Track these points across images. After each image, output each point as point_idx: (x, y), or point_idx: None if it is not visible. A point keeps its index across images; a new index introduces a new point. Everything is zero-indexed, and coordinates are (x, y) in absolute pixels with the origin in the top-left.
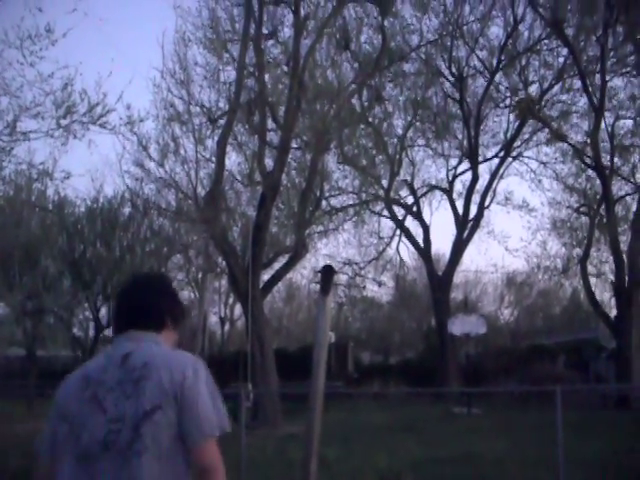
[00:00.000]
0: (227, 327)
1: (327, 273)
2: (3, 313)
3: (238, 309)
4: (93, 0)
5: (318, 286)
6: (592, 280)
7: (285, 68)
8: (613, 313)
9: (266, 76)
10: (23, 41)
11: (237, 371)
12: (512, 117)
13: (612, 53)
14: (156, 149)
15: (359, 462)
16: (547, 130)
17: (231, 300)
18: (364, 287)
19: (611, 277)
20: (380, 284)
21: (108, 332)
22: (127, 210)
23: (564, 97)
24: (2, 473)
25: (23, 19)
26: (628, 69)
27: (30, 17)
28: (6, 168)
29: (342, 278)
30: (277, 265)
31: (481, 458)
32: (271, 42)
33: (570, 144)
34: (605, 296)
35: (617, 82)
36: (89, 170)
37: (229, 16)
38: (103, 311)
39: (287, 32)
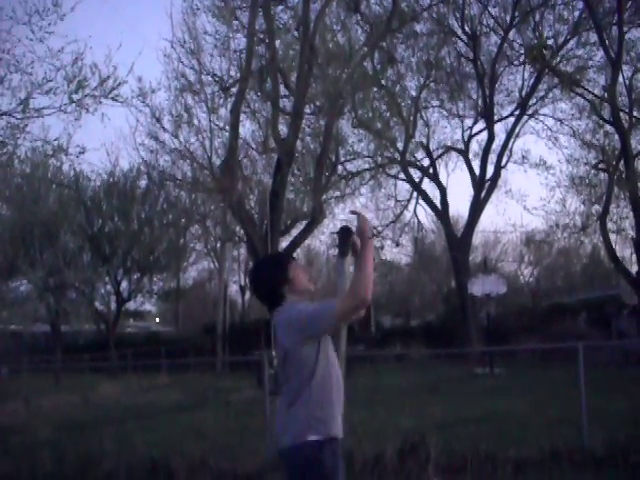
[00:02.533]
0: (247, 295)
1: (344, 234)
2: (26, 290)
3: None
4: None
5: (336, 249)
6: (612, 237)
7: (295, 33)
8: (634, 269)
9: (277, 42)
10: (31, 17)
11: (259, 338)
12: (527, 74)
13: (629, 3)
14: (169, 120)
15: (383, 424)
16: (562, 84)
17: (250, 268)
18: (382, 248)
19: (631, 233)
20: (397, 244)
21: (130, 305)
22: (143, 183)
23: (580, 52)
24: (32, 445)
25: None
26: None
27: None
28: (21, 145)
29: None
30: (295, 232)
31: (504, 417)
32: (280, 7)
33: (584, 97)
34: (626, 252)
35: (635, 34)
36: (104, 144)
37: None
38: (124, 284)
39: None
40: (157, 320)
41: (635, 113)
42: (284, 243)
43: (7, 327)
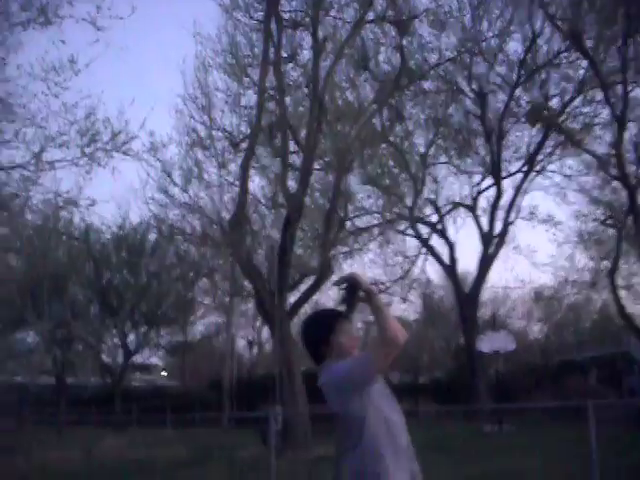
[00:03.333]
0: (255, 350)
1: (350, 286)
2: (33, 342)
3: (266, 332)
4: (114, 30)
5: (343, 306)
6: (622, 293)
7: (305, 90)
8: None
9: (287, 99)
10: (48, 73)
11: (266, 394)
12: (534, 131)
13: (633, 63)
14: (180, 175)
15: None
16: (569, 142)
17: (258, 323)
18: (390, 304)
19: None
20: (405, 300)
21: (136, 358)
22: (153, 236)
23: (586, 109)
24: None
25: (47, 52)
26: None
27: (54, 50)
28: (33, 197)
29: None
30: (303, 287)
31: (514, 475)
32: (290, 65)
33: (591, 154)
34: (636, 308)
35: (639, 92)
36: (114, 197)
37: (248, 41)
38: (131, 337)
39: (306, 55)
40: (164, 374)
41: None
42: (292, 298)
43: (12, 379)
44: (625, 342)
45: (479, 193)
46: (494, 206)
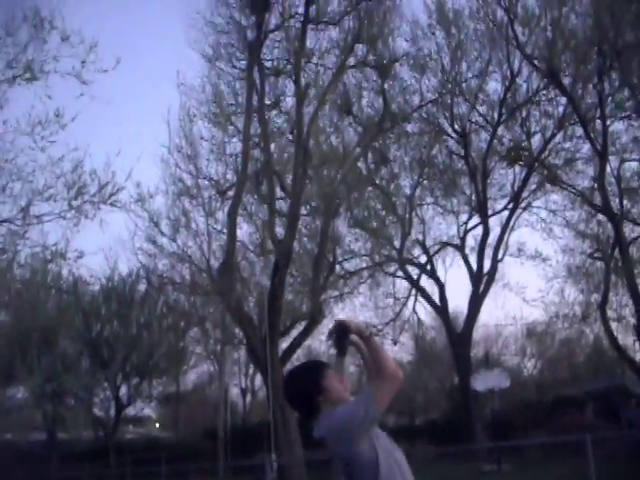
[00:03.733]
0: (249, 398)
1: (340, 331)
2: (23, 397)
3: (259, 379)
4: (99, 83)
5: (334, 349)
6: (613, 325)
7: (290, 136)
8: (638, 357)
9: (271, 145)
10: (34, 127)
11: (261, 442)
12: (518, 169)
13: (610, 99)
14: (167, 224)
15: None
16: (549, 179)
17: (251, 370)
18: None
19: (632, 320)
20: (395, 342)
21: (129, 411)
22: (142, 287)
23: (567, 145)
24: None
25: (33, 107)
26: (627, 113)
27: (40, 104)
28: (21, 251)
29: None
30: (295, 332)
31: None
32: (274, 112)
33: (574, 189)
34: (628, 340)
35: (618, 126)
36: (102, 249)
37: (232, 90)
38: (123, 389)
39: (289, 101)
40: (157, 425)
41: (625, 202)
42: (284, 344)
43: (3, 436)
44: (620, 374)
45: (466, 232)
46: (482, 244)
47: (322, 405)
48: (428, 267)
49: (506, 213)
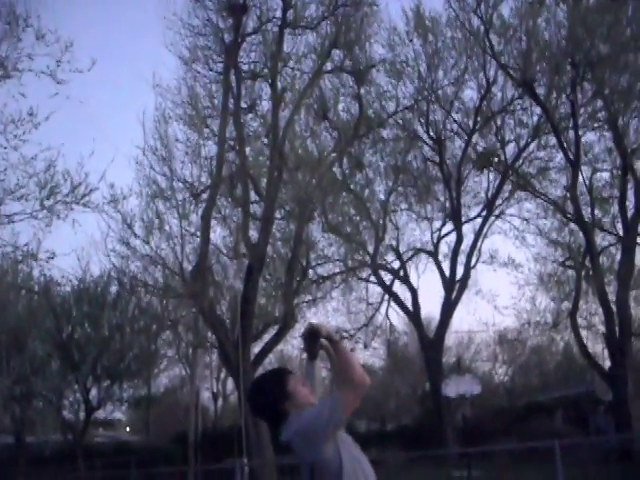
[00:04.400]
0: (220, 402)
1: (311, 336)
2: None
3: (230, 384)
4: (74, 83)
5: (305, 353)
6: (583, 333)
7: (265, 140)
8: (607, 364)
9: (247, 149)
10: (7, 126)
11: (232, 447)
12: (492, 176)
13: (583, 109)
14: (141, 226)
15: None
16: (527, 188)
17: (223, 375)
18: (352, 349)
19: (602, 328)
20: (366, 346)
21: (99, 414)
22: (114, 289)
23: (541, 154)
24: None
25: (6, 105)
26: (600, 123)
27: (13, 102)
28: None
29: None
30: (267, 337)
31: None
32: (250, 116)
33: (547, 197)
34: (597, 348)
35: (591, 136)
36: (74, 250)
37: (208, 92)
38: (93, 392)
39: (265, 105)
40: (127, 429)
41: (596, 211)
42: (256, 348)
43: None
44: (589, 382)
45: (440, 238)
46: (455, 251)
47: (288, 410)
48: (401, 273)
49: (479, 220)
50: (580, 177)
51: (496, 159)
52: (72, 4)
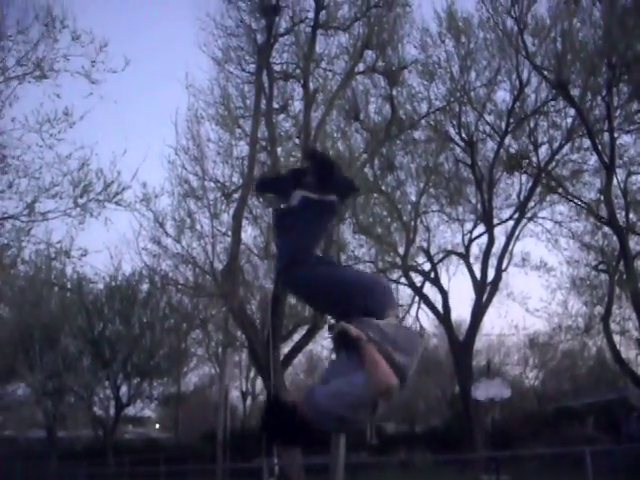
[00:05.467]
0: (249, 401)
1: (340, 335)
2: (23, 394)
3: (259, 383)
4: (108, 83)
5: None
6: (616, 338)
7: (296, 141)
8: None
9: (278, 149)
10: (42, 125)
11: (260, 446)
12: (524, 179)
13: (618, 111)
14: (172, 225)
15: None
16: (560, 190)
17: (252, 374)
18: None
19: (635, 334)
20: None
21: (129, 410)
22: (145, 287)
23: (575, 156)
24: None
25: (42, 104)
26: (636, 126)
27: (49, 102)
28: (25, 248)
29: None
30: (297, 337)
31: None
32: (282, 116)
33: (572, 198)
34: (631, 354)
35: (626, 139)
36: (107, 248)
37: (240, 93)
38: (124, 389)
39: (297, 106)
40: (157, 426)
41: (631, 214)
42: (286, 348)
43: (2, 432)
44: (622, 388)
45: (471, 241)
46: (486, 253)
47: None
48: (432, 275)
49: (511, 223)
50: (615, 180)
51: (526, 161)
52: (107, 5)
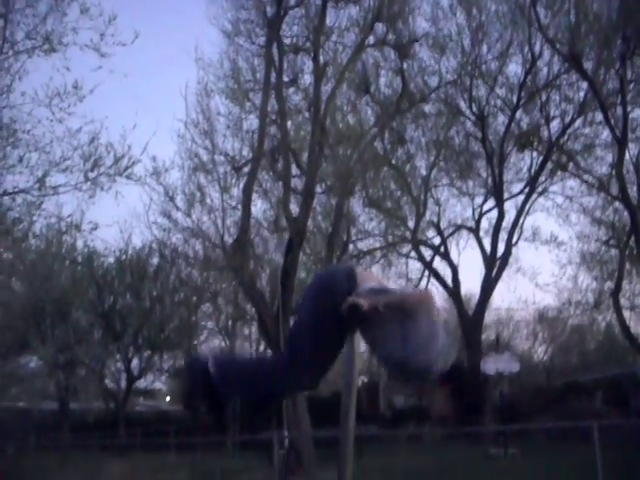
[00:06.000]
0: None
1: (351, 308)
2: (36, 367)
3: None
4: (118, 56)
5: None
6: (626, 313)
7: (307, 114)
8: None
9: (288, 123)
10: (52, 99)
11: (270, 418)
12: (535, 153)
13: (632, 85)
14: (182, 199)
15: None
16: (570, 165)
17: (262, 347)
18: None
19: None
20: None
21: (140, 383)
22: (155, 260)
23: (587, 130)
24: None
25: (52, 78)
26: None
27: (58, 76)
28: (36, 222)
29: None
30: None
31: None
32: (292, 89)
33: (583, 173)
34: None
35: (639, 113)
36: (117, 222)
37: (250, 66)
38: (135, 362)
39: (307, 79)
40: (167, 399)
41: None
42: None
43: (15, 404)
44: (631, 363)
45: (481, 215)
46: (497, 228)
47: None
48: (442, 249)
49: (522, 197)
50: (627, 155)
51: (537, 139)
52: None
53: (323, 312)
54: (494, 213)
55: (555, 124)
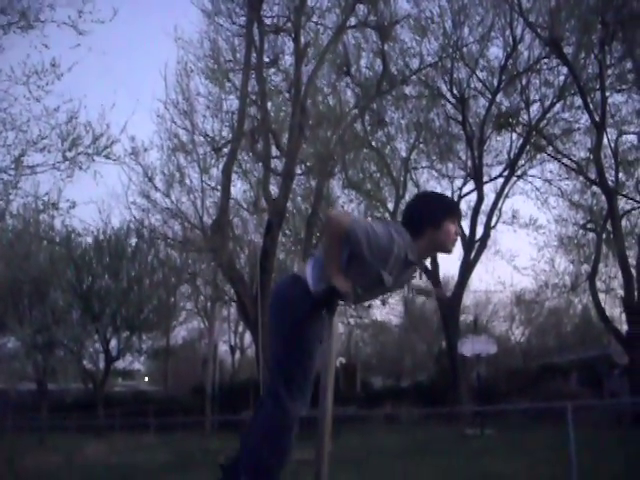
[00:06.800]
0: (237, 355)
1: (330, 291)
2: (14, 347)
3: (248, 337)
4: (96, 34)
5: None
6: (602, 296)
7: (287, 95)
8: (624, 328)
9: (268, 104)
10: (29, 77)
11: (248, 399)
12: (514, 136)
13: (611, 70)
14: (161, 179)
15: None
16: (550, 149)
17: (241, 328)
18: (369, 306)
19: (620, 292)
20: (383, 303)
21: (118, 364)
22: (134, 241)
23: (566, 115)
24: None
25: (29, 56)
26: (628, 85)
27: (36, 53)
28: (13, 202)
29: None
30: None
31: (495, 479)
32: (272, 70)
33: (562, 157)
34: (615, 312)
35: (618, 98)
36: (95, 201)
37: (230, 46)
38: (113, 343)
39: (288, 60)
40: (146, 379)
41: (620, 174)
42: None
43: None
44: (605, 345)
45: (461, 197)
46: (475, 210)
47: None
48: None
49: (501, 180)
50: (605, 139)
51: (515, 121)
52: None
53: (290, 328)
54: (473, 196)
55: (535, 108)
